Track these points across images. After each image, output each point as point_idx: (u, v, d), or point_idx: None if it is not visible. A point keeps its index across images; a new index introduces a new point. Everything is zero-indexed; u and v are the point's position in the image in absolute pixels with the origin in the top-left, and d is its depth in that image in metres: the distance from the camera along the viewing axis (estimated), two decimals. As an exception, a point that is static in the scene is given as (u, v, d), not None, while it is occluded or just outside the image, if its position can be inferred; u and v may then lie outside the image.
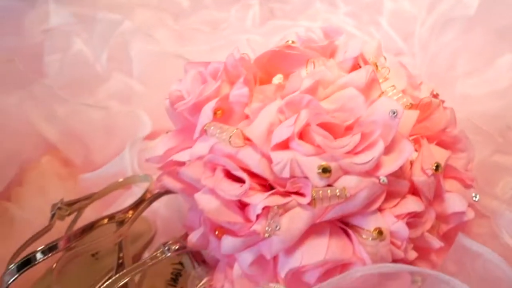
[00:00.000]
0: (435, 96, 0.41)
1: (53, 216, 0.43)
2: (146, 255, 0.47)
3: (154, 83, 0.59)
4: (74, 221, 0.46)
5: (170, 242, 0.39)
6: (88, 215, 0.49)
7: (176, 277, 0.44)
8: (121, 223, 0.43)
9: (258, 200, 0.32)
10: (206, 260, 0.42)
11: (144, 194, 0.46)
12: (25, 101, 0.60)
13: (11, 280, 0.35)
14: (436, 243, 0.35)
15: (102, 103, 0.60)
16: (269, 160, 0.33)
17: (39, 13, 0.82)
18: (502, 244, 0.38)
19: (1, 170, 0.59)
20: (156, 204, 0.52)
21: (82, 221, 0.45)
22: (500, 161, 0.47)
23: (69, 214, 0.45)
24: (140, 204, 0.45)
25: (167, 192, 0.45)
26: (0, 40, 0.82)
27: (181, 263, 0.45)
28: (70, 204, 0.45)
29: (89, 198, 0.46)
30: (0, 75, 0.64)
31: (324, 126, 0.33)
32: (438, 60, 0.71)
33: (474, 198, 0.37)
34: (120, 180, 0.48)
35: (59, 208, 0.44)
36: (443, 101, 0.40)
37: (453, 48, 0.70)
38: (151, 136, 0.59)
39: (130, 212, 0.45)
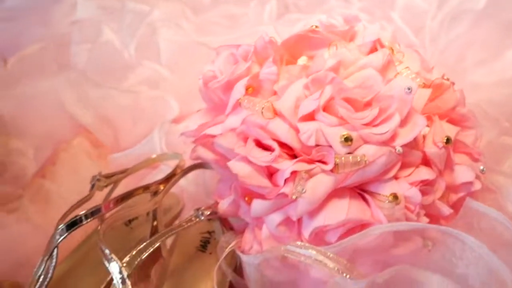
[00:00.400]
0: (446, 79, 0.44)
1: (93, 186, 0.47)
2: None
3: (180, 70, 0.63)
4: (110, 193, 0.50)
5: (203, 208, 0.42)
6: (121, 190, 0.53)
7: (205, 244, 0.48)
8: (154, 193, 0.47)
9: (287, 166, 0.36)
10: (233, 228, 0.46)
11: (175, 169, 0.50)
12: (59, 86, 0.65)
13: (62, 238, 0.39)
14: (446, 210, 0.39)
15: (131, 89, 0.63)
16: (296, 131, 0.36)
17: (66, 5, 0.87)
18: (508, 214, 0.41)
19: (37, 151, 0.63)
20: (183, 182, 0.56)
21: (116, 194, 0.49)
22: (506, 143, 0.51)
23: (106, 186, 0.49)
24: (171, 178, 0.49)
25: (197, 166, 0.49)
26: (30, 31, 0.86)
27: (209, 232, 0.49)
28: (108, 176, 0.49)
29: (124, 172, 0.50)
30: (35, 62, 0.68)
31: (346, 101, 0.37)
32: (448, 52, 0.75)
33: (481, 170, 0.41)
34: (154, 156, 0.52)
35: (98, 180, 0.48)
36: (453, 83, 0.44)
37: (462, 41, 0.74)
38: (177, 120, 0.63)
39: (162, 185, 0.48)
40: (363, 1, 0.91)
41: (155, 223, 0.47)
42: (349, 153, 0.36)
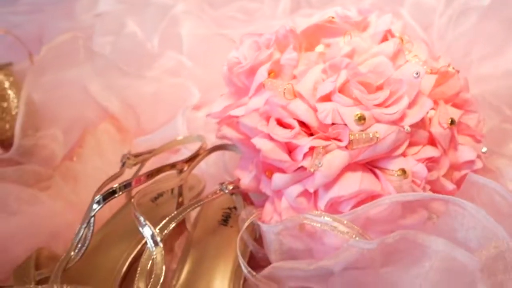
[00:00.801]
0: (456, 69, 0.48)
1: (123, 164, 0.51)
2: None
3: (201, 60, 0.67)
4: (138, 171, 0.54)
5: (226, 182, 0.46)
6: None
7: (226, 218, 0.52)
8: (180, 172, 0.51)
9: (305, 142, 0.40)
10: (253, 203, 0.49)
11: (198, 150, 0.53)
12: (86, 75, 0.69)
13: (98, 208, 0.43)
14: (450, 186, 0.42)
15: (154, 78, 0.68)
16: (314, 110, 0.40)
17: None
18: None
19: (66, 135, 0.67)
20: (203, 165, 0.60)
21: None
22: (508, 128, 0.54)
23: (135, 164, 0.53)
24: (195, 158, 0.53)
25: (219, 147, 0.53)
26: (54, 24, 0.91)
27: (229, 208, 0.53)
28: (136, 155, 0.53)
29: (151, 152, 0.54)
30: (62, 53, 0.72)
31: (359, 84, 0.40)
32: (455, 47, 0.78)
33: (482, 151, 0.44)
34: (179, 138, 0.56)
35: (128, 158, 0.52)
36: (458, 71, 0.47)
37: (468, 36, 0.77)
38: (197, 107, 0.67)
39: (186, 164, 0.52)
40: (373, -2, 0.95)
41: (180, 199, 0.52)
42: (362, 131, 0.39)
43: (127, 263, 0.45)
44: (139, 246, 0.47)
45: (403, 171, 0.40)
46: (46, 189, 0.59)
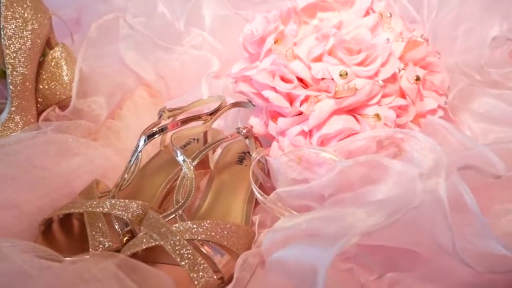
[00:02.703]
0: (425, 39, 0.60)
1: (160, 116, 0.65)
2: (219, 150, 0.68)
3: (221, 36, 0.80)
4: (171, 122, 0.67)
5: (241, 127, 0.59)
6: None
7: (241, 159, 0.64)
8: (205, 122, 0.64)
9: (302, 92, 0.52)
10: (262, 145, 0.62)
11: (219, 106, 0.66)
12: (126, 48, 0.82)
13: (143, 145, 0.56)
14: (416, 128, 0.55)
15: (182, 51, 0.81)
16: (309, 68, 0.52)
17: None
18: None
19: (108, 99, 0.80)
20: (222, 122, 0.73)
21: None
22: (475, 89, 0.66)
23: (168, 117, 0.66)
24: (217, 112, 0.65)
25: (236, 105, 0.66)
26: (92, 7, 1.04)
27: (243, 153, 0.66)
28: (170, 110, 0.66)
29: (181, 109, 0.67)
30: (104, 31, 0.85)
31: (344, 49, 0.53)
32: (443, 23, 0.89)
33: (442, 103, 0.56)
34: (205, 98, 0.69)
35: (163, 112, 0.65)
36: (427, 40, 0.59)
37: (455, 13, 0.88)
38: (217, 76, 0.80)
39: (210, 116, 0.65)
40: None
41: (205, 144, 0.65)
42: (345, 84, 0.52)
43: (167, 186, 0.58)
44: (173, 175, 0.60)
45: (377, 116, 0.52)
46: (96, 139, 0.73)
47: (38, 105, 0.73)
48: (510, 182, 0.43)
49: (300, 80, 0.53)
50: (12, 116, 0.69)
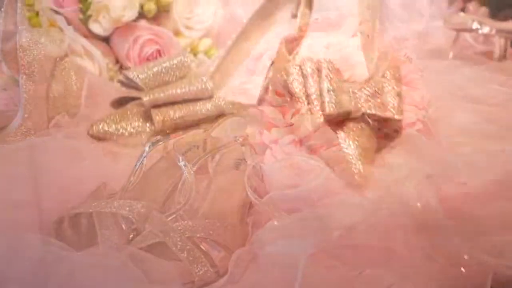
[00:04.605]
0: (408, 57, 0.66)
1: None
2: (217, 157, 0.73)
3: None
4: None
5: (238, 136, 0.64)
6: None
7: (237, 165, 0.70)
8: (205, 130, 0.70)
9: (294, 106, 0.58)
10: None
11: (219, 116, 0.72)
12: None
13: (149, 151, 0.62)
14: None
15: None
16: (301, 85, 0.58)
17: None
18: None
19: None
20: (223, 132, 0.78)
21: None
22: (456, 104, 0.72)
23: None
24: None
25: (234, 115, 0.71)
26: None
27: (240, 159, 0.71)
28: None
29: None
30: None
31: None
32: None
33: (423, 117, 0.62)
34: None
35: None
36: (410, 59, 0.65)
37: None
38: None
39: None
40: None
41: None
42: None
43: (170, 189, 0.63)
44: (175, 178, 0.65)
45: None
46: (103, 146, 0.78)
47: (49, 112, 0.79)
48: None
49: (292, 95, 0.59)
50: (25, 122, 0.74)
